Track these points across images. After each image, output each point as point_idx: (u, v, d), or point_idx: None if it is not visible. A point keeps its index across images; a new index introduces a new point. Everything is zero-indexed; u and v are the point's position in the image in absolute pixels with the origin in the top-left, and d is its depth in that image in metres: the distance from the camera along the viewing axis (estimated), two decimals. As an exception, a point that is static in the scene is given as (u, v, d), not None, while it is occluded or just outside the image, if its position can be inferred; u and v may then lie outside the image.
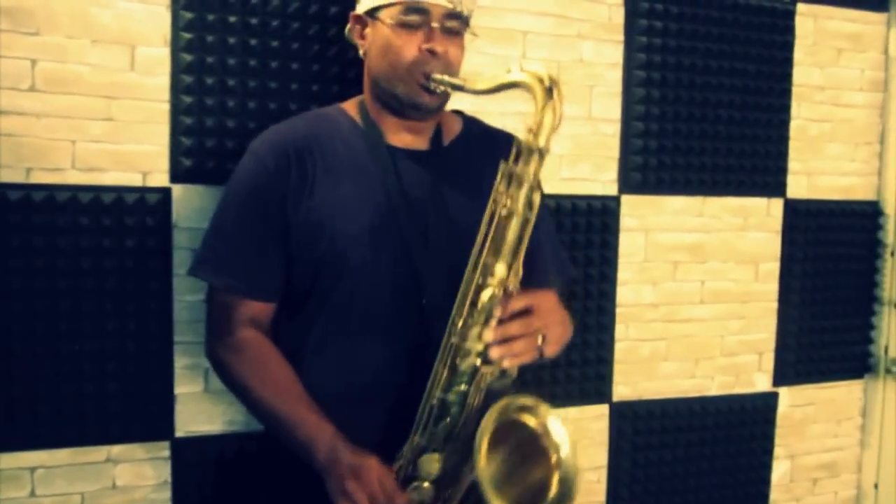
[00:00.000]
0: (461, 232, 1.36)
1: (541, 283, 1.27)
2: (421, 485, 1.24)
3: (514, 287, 1.22)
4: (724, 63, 2.15)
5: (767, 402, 2.32)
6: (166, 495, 1.71)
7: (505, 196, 1.22)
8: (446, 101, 1.40)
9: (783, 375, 2.33)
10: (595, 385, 2.10)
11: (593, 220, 2.05)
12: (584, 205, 2.03)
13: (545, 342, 1.23)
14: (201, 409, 1.71)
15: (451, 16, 1.33)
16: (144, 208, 1.63)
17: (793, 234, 2.30)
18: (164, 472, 1.70)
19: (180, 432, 1.70)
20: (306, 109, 1.55)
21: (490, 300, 1.20)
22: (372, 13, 1.35)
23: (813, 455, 2.42)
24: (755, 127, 2.21)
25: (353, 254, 1.33)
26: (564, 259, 1.62)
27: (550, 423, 1.22)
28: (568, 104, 1.95)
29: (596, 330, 2.09)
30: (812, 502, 2.44)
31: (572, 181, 2.03)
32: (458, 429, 1.24)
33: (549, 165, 1.51)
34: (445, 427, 1.24)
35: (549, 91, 1.20)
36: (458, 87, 1.30)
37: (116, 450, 1.67)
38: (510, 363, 1.19)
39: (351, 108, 1.45)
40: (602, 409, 2.13)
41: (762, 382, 2.31)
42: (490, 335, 1.18)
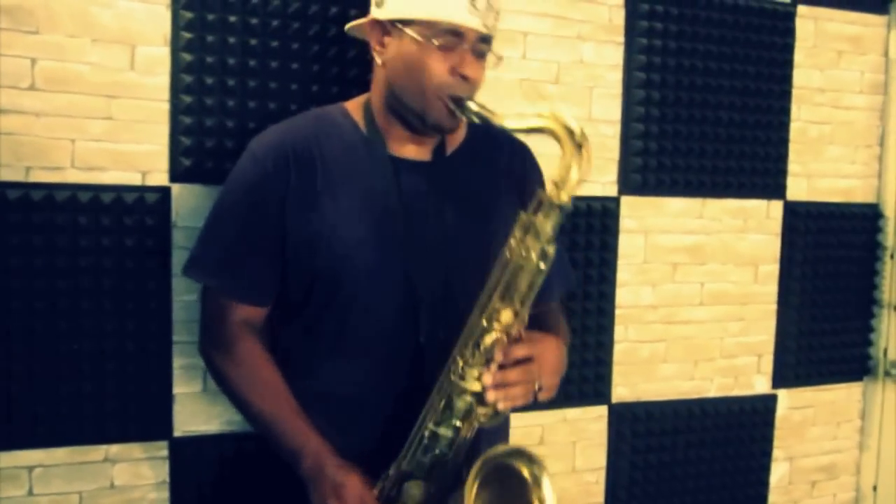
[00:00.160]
0: (458, 246, 1.36)
1: (544, 295, 1.27)
2: None
3: (519, 330, 1.23)
4: (725, 65, 2.15)
5: (766, 404, 2.32)
6: (164, 495, 1.71)
7: (520, 246, 1.20)
8: None
9: (782, 377, 2.33)
10: (594, 386, 2.10)
11: (593, 221, 2.05)
12: (583, 206, 2.03)
13: (540, 390, 1.25)
14: (199, 408, 1.71)
15: (483, 39, 1.29)
16: (144, 208, 1.63)
17: (792, 237, 2.30)
18: (163, 471, 1.70)
19: (178, 432, 1.70)
20: (306, 110, 1.53)
21: (493, 344, 1.21)
22: (400, 24, 1.28)
23: (812, 457, 2.42)
24: (755, 129, 2.21)
25: (347, 274, 1.32)
26: (568, 270, 1.60)
27: (544, 481, 1.23)
28: (568, 105, 1.99)
29: (595, 331, 2.09)
30: (811, 504, 2.44)
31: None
32: (446, 461, 1.26)
33: (549, 166, 1.51)
34: (434, 457, 1.26)
35: (579, 147, 1.18)
36: (488, 120, 1.26)
37: (115, 449, 1.67)
38: (503, 406, 1.21)
39: (355, 110, 1.41)
40: (601, 411, 2.13)
41: (761, 384, 2.31)
42: (489, 379, 1.19)
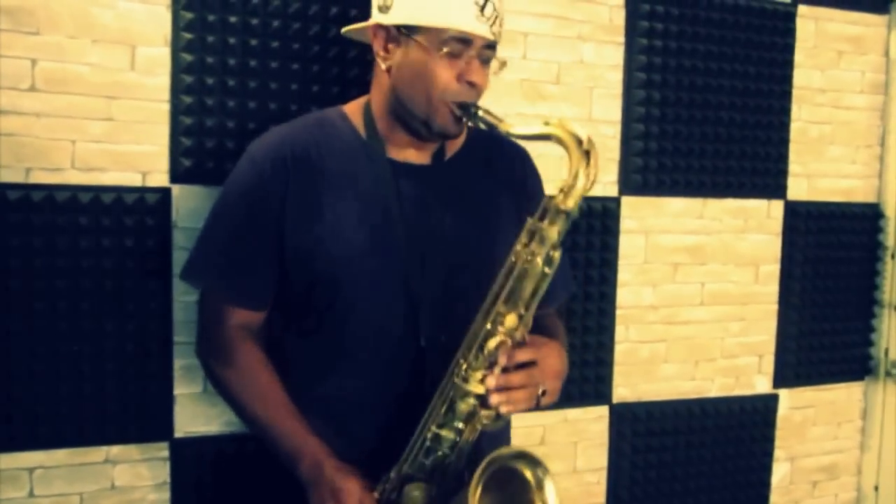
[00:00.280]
0: (458, 251, 1.36)
1: (546, 300, 1.27)
2: None
3: (523, 334, 1.23)
4: (725, 65, 2.15)
5: (767, 405, 2.32)
6: (165, 496, 1.70)
7: (526, 251, 1.20)
8: None
9: (783, 377, 2.33)
10: (595, 387, 2.10)
11: (593, 221, 2.05)
12: (583, 206, 2.02)
13: (543, 395, 1.25)
14: (200, 409, 1.71)
15: (490, 46, 1.29)
16: (144, 208, 1.63)
17: (793, 237, 2.30)
18: (163, 472, 1.70)
19: (179, 433, 1.70)
20: (307, 110, 1.54)
21: (496, 348, 1.21)
22: (406, 30, 1.27)
23: (813, 457, 2.42)
24: (755, 129, 2.21)
25: (346, 278, 1.32)
26: (568, 275, 1.60)
27: (547, 484, 1.22)
28: (568, 106, 1.99)
29: (596, 332, 2.08)
30: (812, 505, 2.44)
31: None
32: (448, 464, 1.26)
33: (550, 166, 1.51)
34: (435, 460, 1.26)
35: (587, 154, 1.18)
36: (494, 127, 1.26)
37: (115, 450, 1.66)
38: (506, 410, 1.21)
39: (354, 113, 1.40)
40: (602, 411, 2.12)
41: (762, 384, 2.31)
42: (492, 382, 1.19)
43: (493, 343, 1.21)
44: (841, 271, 2.37)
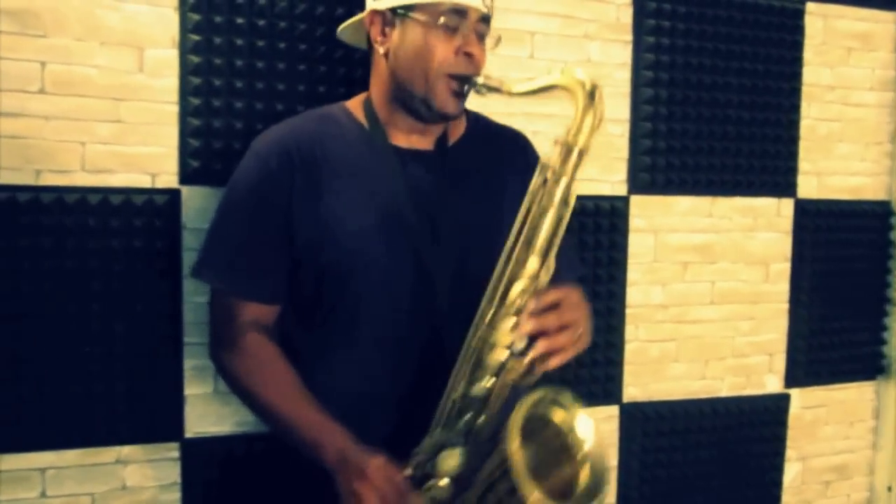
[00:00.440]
0: (469, 234, 1.36)
1: (552, 281, 1.26)
2: (437, 483, 1.20)
3: (544, 283, 1.20)
4: (733, 63, 2.14)
5: (778, 404, 2.31)
6: (175, 496, 1.71)
7: (541, 192, 1.21)
8: None
9: (794, 377, 2.31)
10: (605, 386, 2.09)
11: (602, 220, 2.05)
12: (592, 205, 2.03)
13: (581, 336, 1.20)
14: (210, 410, 1.72)
15: (484, 19, 1.32)
16: (153, 210, 1.64)
17: (803, 235, 2.28)
18: (174, 472, 1.70)
19: (190, 433, 1.70)
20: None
21: (521, 293, 1.18)
22: (403, 11, 1.30)
23: (825, 457, 2.40)
24: (764, 127, 2.20)
25: (357, 267, 1.32)
26: (574, 257, 1.61)
27: (579, 420, 1.19)
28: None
29: (605, 331, 2.08)
30: (824, 505, 2.43)
31: (581, 182, 2.00)
32: (482, 424, 1.21)
33: (545, 148, 1.50)
34: (468, 422, 1.22)
35: (591, 95, 1.20)
36: (497, 90, 1.28)
37: (126, 451, 1.67)
38: (556, 362, 1.15)
39: (355, 107, 1.42)
40: (612, 411, 2.12)
41: (773, 384, 2.30)
42: (528, 326, 1.14)
43: (517, 288, 1.18)
44: (852, 269, 2.36)
